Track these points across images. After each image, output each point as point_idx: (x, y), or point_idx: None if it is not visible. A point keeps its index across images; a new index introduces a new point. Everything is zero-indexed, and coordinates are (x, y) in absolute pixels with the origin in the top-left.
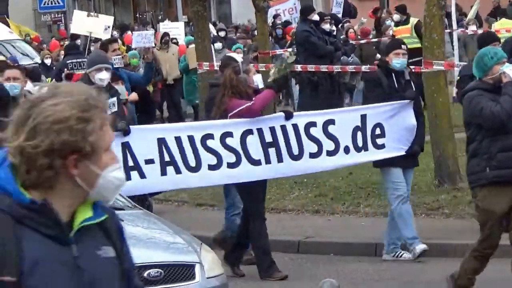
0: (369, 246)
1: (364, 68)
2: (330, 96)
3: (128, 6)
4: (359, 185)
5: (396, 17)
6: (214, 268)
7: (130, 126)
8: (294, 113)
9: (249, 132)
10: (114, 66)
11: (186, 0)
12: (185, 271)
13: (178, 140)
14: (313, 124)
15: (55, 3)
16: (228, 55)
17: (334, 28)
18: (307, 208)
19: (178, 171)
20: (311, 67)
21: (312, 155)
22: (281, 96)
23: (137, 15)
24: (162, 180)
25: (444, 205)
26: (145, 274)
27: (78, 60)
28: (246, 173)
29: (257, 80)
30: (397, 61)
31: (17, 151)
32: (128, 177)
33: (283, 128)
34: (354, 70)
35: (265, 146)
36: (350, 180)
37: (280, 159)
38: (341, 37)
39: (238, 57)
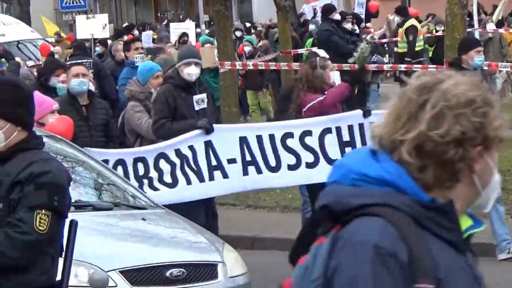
0: None
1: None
2: (352, 95)
3: (149, 5)
4: None
5: (396, 19)
6: (237, 267)
7: (213, 125)
8: (372, 111)
9: (328, 130)
10: (136, 64)
11: None
12: (207, 270)
13: (259, 139)
14: None
15: (76, 3)
16: (313, 51)
17: (356, 27)
18: None
19: (259, 171)
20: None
21: None
22: None
23: (158, 14)
24: (244, 180)
25: None
26: (168, 274)
27: (79, 61)
28: (324, 173)
29: (334, 77)
30: (478, 58)
31: (413, 143)
32: (212, 177)
33: (361, 126)
34: (376, 69)
35: (342, 145)
36: None
37: None
38: (363, 36)
39: (321, 52)
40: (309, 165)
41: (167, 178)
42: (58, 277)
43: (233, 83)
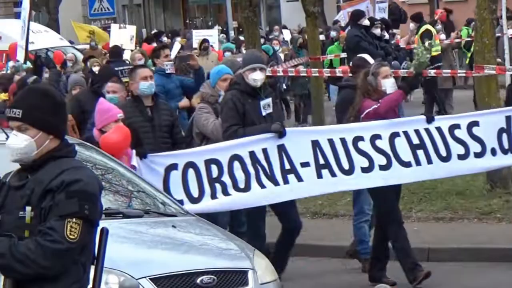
0: (422, 251)
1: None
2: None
3: (178, 12)
4: (411, 190)
5: (412, 26)
6: (268, 274)
7: (286, 128)
8: (435, 117)
9: (396, 134)
10: (166, 72)
11: (236, 6)
12: (238, 277)
13: (331, 142)
14: (457, 126)
15: (105, 10)
16: (360, 56)
17: (385, 33)
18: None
19: (333, 174)
20: None
21: (461, 157)
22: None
23: (187, 21)
24: (319, 183)
25: (496, 210)
26: (198, 281)
27: (119, 68)
28: (398, 175)
29: (386, 84)
30: None
31: None
32: (286, 181)
33: (427, 130)
34: (406, 75)
35: (413, 147)
36: (403, 185)
37: (429, 161)
38: (392, 42)
39: (368, 57)
40: (383, 167)
41: (241, 183)
42: (89, 285)
43: None
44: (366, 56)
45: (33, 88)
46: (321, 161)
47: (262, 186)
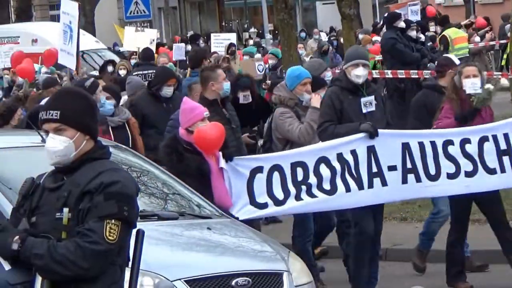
0: None
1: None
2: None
3: (214, 15)
4: None
5: (436, 28)
6: (303, 276)
7: (378, 130)
8: None
9: (485, 139)
10: None
11: (272, 8)
12: (273, 279)
13: (421, 145)
14: None
15: (141, 13)
16: (446, 56)
17: (421, 35)
18: (394, 216)
19: (418, 179)
20: (401, 73)
21: None
22: None
23: (223, 23)
24: (402, 189)
25: None
26: (233, 283)
27: (144, 72)
28: (481, 182)
29: (466, 84)
30: None
31: None
32: (371, 185)
33: None
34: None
35: (499, 153)
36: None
37: None
38: (428, 44)
39: (453, 57)
40: (468, 174)
41: (326, 185)
42: (125, 287)
43: None
44: (452, 56)
45: (67, 90)
46: (409, 165)
47: (348, 189)
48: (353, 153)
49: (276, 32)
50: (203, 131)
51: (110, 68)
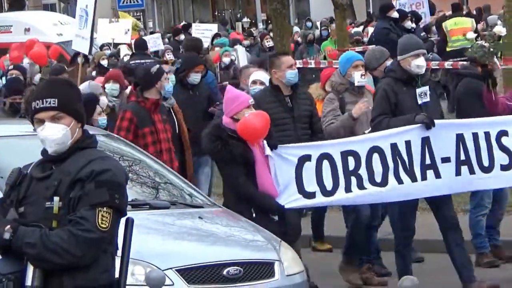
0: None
1: (446, 64)
2: None
3: (207, 4)
4: None
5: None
6: (294, 265)
7: (434, 120)
8: None
9: None
10: None
11: None
12: (264, 268)
13: (475, 136)
14: None
15: (134, 2)
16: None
17: (414, 25)
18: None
19: (472, 171)
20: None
21: None
22: None
23: (216, 13)
24: (455, 181)
25: None
26: (225, 272)
27: (142, 61)
28: None
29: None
30: None
31: None
32: (424, 177)
33: None
34: (437, 67)
35: None
36: None
37: None
38: (421, 34)
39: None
40: None
41: (378, 177)
42: (115, 275)
43: None
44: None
45: (58, 79)
46: (462, 157)
47: (400, 181)
48: (408, 144)
49: (269, 21)
50: (247, 121)
51: (79, 60)
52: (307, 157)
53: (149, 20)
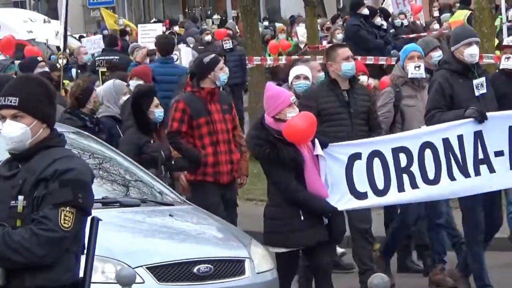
0: None
1: None
2: None
3: (177, 1)
4: None
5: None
6: (264, 263)
7: (488, 114)
8: None
9: None
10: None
11: None
12: (235, 266)
13: None
14: None
15: None
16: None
17: (384, 22)
18: None
19: None
20: (370, 59)
21: None
22: None
23: (186, 10)
24: (509, 176)
25: None
26: (195, 270)
27: (108, 57)
28: None
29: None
30: None
31: None
32: (477, 172)
33: None
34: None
35: None
36: None
37: None
38: (391, 31)
39: None
40: None
41: (431, 174)
42: (81, 275)
43: (262, 79)
44: None
45: (27, 77)
46: None
47: (452, 178)
48: (460, 138)
49: (239, 18)
50: (292, 125)
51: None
52: (357, 155)
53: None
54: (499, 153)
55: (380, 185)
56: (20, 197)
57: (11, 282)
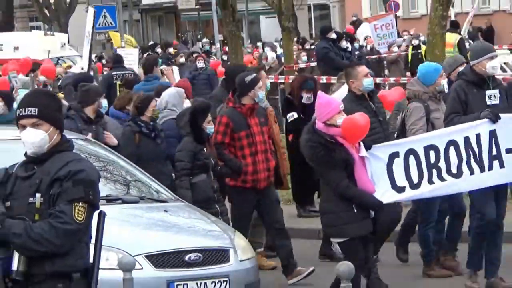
0: None
1: (378, 80)
2: None
3: (172, 27)
4: None
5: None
6: (246, 252)
7: (500, 114)
8: None
9: None
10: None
11: (222, 21)
12: (220, 254)
13: None
14: None
15: (108, 24)
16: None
17: (349, 45)
18: None
19: None
20: (322, 79)
21: None
22: None
23: (179, 34)
24: None
25: None
26: (186, 258)
27: (122, 72)
28: None
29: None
30: None
31: None
32: (490, 167)
33: None
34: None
35: None
36: None
37: None
38: (356, 52)
39: None
40: None
41: (454, 169)
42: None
43: None
44: None
45: (41, 91)
46: None
47: (471, 172)
48: (478, 137)
49: (225, 41)
50: (353, 119)
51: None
52: (396, 154)
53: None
54: (509, 150)
55: (415, 179)
56: (38, 195)
57: (32, 268)
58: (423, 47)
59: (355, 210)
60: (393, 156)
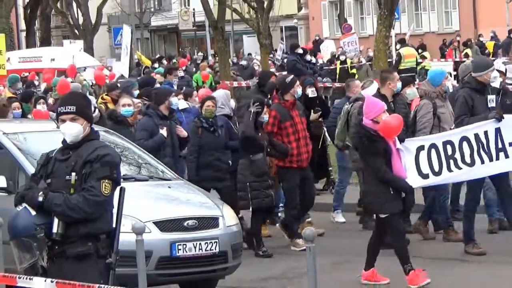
0: None
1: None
2: None
3: (174, 43)
4: None
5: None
6: (232, 219)
7: (504, 115)
8: None
9: None
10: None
11: (213, 39)
12: (212, 221)
13: None
14: None
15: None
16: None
17: (313, 58)
18: None
19: None
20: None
21: None
22: None
23: (180, 49)
24: None
25: None
26: (185, 224)
27: (123, 80)
28: None
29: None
30: None
31: None
32: (497, 157)
33: None
34: (323, 86)
35: None
36: None
37: None
38: (318, 64)
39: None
40: None
41: (467, 159)
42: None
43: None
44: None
45: (76, 92)
46: None
47: (482, 161)
48: (485, 133)
49: (215, 55)
50: (388, 122)
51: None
52: (422, 147)
53: (134, 54)
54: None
55: (436, 167)
56: (73, 174)
57: (69, 231)
58: (349, 60)
59: (391, 192)
60: (420, 149)
